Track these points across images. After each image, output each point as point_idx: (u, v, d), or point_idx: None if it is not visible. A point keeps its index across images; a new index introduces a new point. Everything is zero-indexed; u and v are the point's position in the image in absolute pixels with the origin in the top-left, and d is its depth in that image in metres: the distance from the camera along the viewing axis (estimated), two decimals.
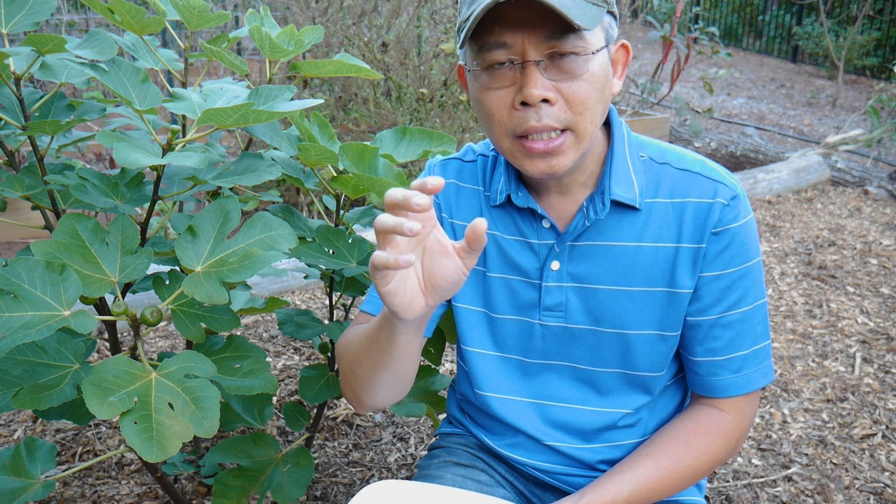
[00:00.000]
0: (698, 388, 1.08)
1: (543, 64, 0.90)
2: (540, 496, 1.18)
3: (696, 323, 1.03)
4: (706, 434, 1.04)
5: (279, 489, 1.40)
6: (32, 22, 1.15)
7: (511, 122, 0.93)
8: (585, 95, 0.91)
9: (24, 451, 1.24)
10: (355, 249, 1.35)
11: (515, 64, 0.91)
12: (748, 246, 1.01)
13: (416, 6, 3.80)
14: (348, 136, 3.69)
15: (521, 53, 0.90)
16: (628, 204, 1.00)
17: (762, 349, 1.05)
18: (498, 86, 0.92)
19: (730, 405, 1.05)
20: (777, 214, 4.07)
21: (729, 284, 1.01)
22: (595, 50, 0.91)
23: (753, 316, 1.03)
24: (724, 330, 1.02)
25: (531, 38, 0.89)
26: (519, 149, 0.95)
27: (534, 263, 1.06)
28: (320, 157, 1.28)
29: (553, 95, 0.90)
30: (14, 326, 0.93)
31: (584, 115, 0.92)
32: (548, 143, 0.92)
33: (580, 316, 1.05)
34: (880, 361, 2.50)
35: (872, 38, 9.21)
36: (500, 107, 0.93)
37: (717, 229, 0.99)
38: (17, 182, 1.20)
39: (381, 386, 1.03)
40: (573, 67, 0.90)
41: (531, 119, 0.91)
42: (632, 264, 1.02)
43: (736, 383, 1.04)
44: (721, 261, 1.00)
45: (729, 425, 1.05)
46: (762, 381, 1.05)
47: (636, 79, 5.89)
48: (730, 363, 1.03)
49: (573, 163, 0.95)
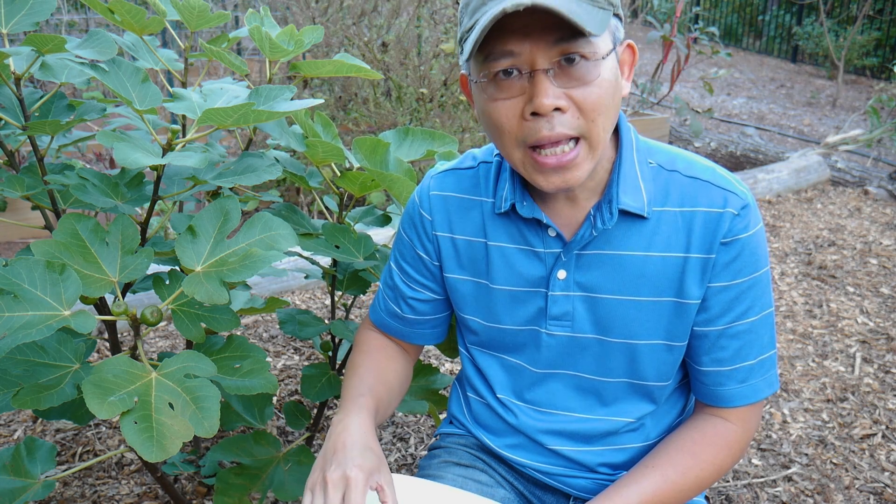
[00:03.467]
0: (704, 397, 1.06)
1: (553, 72, 0.87)
2: (540, 497, 1.18)
3: (703, 333, 1.02)
4: (712, 445, 1.03)
5: (281, 487, 1.40)
6: (32, 22, 1.15)
7: (522, 132, 0.90)
8: (598, 101, 0.88)
9: (24, 451, 1.24)
10: (361, 245, 1.36)
11: (523, 73, 0.88)
12: (757, 256, 0.99)
13: (416, 6, 3.80)
14: (348, 137, 3.70)
15: (528, 62, 0.87)
16: (636, 213, 0.98)
17: (768, 359, 1.03)
18: (506, 96, 0.89)
19: (735, 415, 1.04)
20: (777, 214, 4.07)
21: (737, 295, 0.99)
22: (604, 54, 0.88)
23: (761, 326, 1.02)
24: (731, 340, 1.01)
25: (539, 45, 0.86)
26: (531, 163, 0.92)
27: (540, 272, 1.04)
28: (327, 153, 1.28)
29: (565, 103, 0.87)
30: (14, 326, 0.93)
31: (596, 121, 0.89)
32: (560, 158, 0.89)
33: (587, 325, 1.04)
34: (880, 361, 2.50)
35: (872, 38, 9.21)
36: (509, 118, 0.90)
37: (726, 239, 0.97)
38: (17, 182, 1.20)
39: None
40: (583, 73, 0.87)
41: (543, 129, 0.88)
42: (640, 274, 1.00)
43: (742, 393, 1.03)
44: (730, 271, 0.98)
45: (734, 435, 1.04)
46: (767, 391, 1.04)
47: (636, 79, 5.90)
48: (736, 373, 1.02)
49: (588, 174, 0.93)
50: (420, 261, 1.13)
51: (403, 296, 1.16)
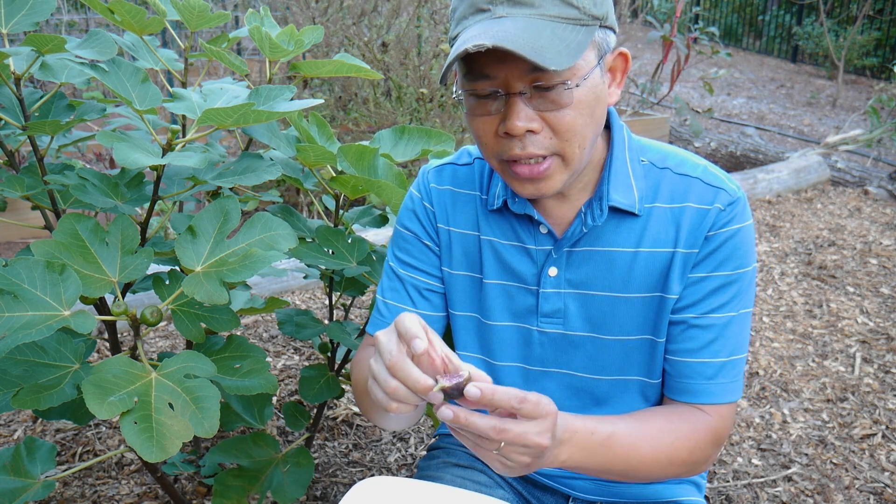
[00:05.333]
0: (671, 390, 1.04)
1: (527, 94, 0.88)
2: (539, 497, 1.18)
3: (675, 320, 1.01)
4: (689, 423, 1.00)
5: (279, 489, 1.40)
6: (32, 22, 1.15)
7: (497, 147, 0.92)
8: (571, 123, 0.89)
9: (24, 451, 1.24)
10: (355, 249, 1.35)
11: (499, 95, 0.89)
12: (742, 252, 0.99)
13: (416, 6, 3.80)
14: (348, 136, 3.70)
15: (504, 85, 0.88)
16: (627, 210, 0.99)
17: (738, 361, 1.01)
18: (483, 113, 0.91)
19: (708, 408, 1.01)
20: (777, 214, 4.07)
21: (717, 287, 0.99)
22: (583, 75, 0.89)
23: (737, 324, 1.00)
24: (702, 331, 1.00)
25: (513, 71, 0.87)
26: (507, 171, 0.94)
27: (531, 269, 1.05)
28: (319, 157, 1.28)
29: (538, 125, 0.89)
30: (14, 326, 0.93)
31: (571, 141, 0.90)
32: (533, 169, 0.91)
33: (579, 323, 1.04)
34: (880, 361, 2.50)
35: (872, 38, 9.21)
36: (486, 132, 0.92)
37: (711, 232, 0.97)
38: (17, 182, 1.20)
39: (391, 422, 1.06)
40: (557, 97, 0.88)
41: (515, 148, 0.90)
42: (630, 270, 1.00)
43: (709, 390, 1.00)
44: (711, 262, 0.98)
45: (710, 423, 1.00)
46: (733, 396, 1.01)
47: (636, 79, 5.90)
48: (704, 368, 1.00)
49: (563, 184, 0.94)
50: (428, 251, 1.12)
51: (419, 288, 1.12)
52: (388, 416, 1.04)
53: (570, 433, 0.88)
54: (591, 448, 0.90)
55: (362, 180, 1.26)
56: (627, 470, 0.95)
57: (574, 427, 0.89)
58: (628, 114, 5.40)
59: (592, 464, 0.92)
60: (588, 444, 0.90)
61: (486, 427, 0.78)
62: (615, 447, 0.93)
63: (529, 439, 0.80)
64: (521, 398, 0.78)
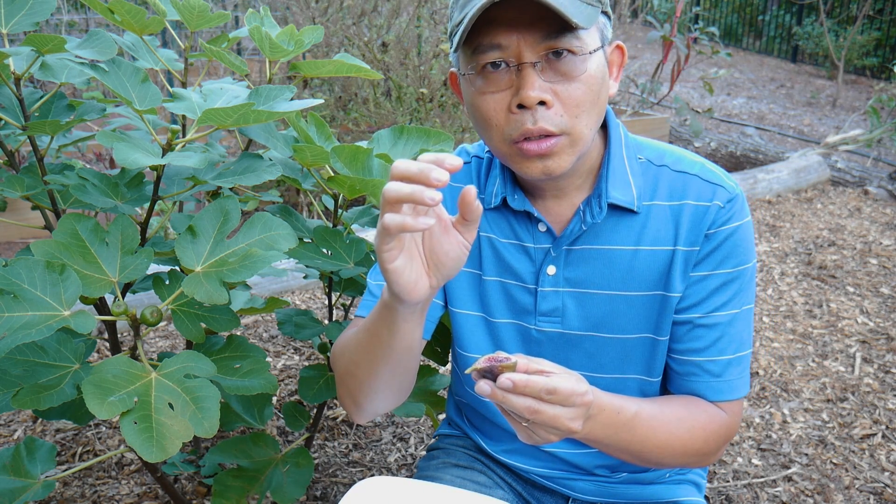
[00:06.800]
0: (680, 389, 1.05)
1: (540, 65, 0.88)
2: (539, 498, 1.18)
3: (680, 320, 1.01)
4: (706, 412, 1.00)
5: (279, 489, 1.40)
6: (32, 22, 1.15)
7: (508, 125, 0.91)
8: (582, 97, 0.90)
9: (24, 451, 1.24)
10: (353, 250, 1.34)
11: (511, 66, 0.89)
12: (742, 249, 0.99)
13: (416, 6, 3.80)
14: (348, 136, 3.70)
15: (516, 55, 0.88)
16: (626, 207, 0.99)
17: (745, 357, 1.02)
18: (493, 89, 0.91)
19: (718, 404, 1.02)
20: (777, 214, 4.07)
21: (719, 285, 0.99)
22: (591, 50, 0.90)
23: (740, 320, 1.01)
24: (708, 330, 1.00)
25: (527, 38, 0.87)
26: (514, 155, 0.93)
27: (529, 268, 1.04)
28: (316, 157, 1.28)
29: (550, 98, 0.89)
30: (14, 326, 0.93)
31: (580, 117, 0.91)
32: (540, 144, 0.91)
33: (577, 321, 1.04)
34: (880, 361, 2.50)
35: (872, 38, 9.21)
36: (496, 110, 0.91)
37: (710, 230, 0.98)
38: (17, 182, 1.20)
39: (382, 385, 0.98)
40: (570, 68, 0.89)
41: (527, 122, 0.89)
42: (629, 268, 1.00)
43: (718, 388, 1.01)
44: (713, 261, 0.99)
45: (722, 416, 1.01)
46: (742, 391, 1.02)
47: (636, 79, 5.89)
48: (712, 366, 1.01)
49: (570, 164, 0.94)
50: None
51: None
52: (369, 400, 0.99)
53: (597, 409, 0.88)
54: (614, 426, 0.90)
55: (357, 181, 1.26)
56: (642, 452, 0.95)
57: (602, 404, 0.88)
58: (628, 114, 5.40)
59: (612, 441, 0.92)
60: (612, 422, 0.90)
61: (521, 406, 0.79)
62: (636, 429, 0.93)
63: (561, 423, 0.81)
64: (551, 390, 0.79)
